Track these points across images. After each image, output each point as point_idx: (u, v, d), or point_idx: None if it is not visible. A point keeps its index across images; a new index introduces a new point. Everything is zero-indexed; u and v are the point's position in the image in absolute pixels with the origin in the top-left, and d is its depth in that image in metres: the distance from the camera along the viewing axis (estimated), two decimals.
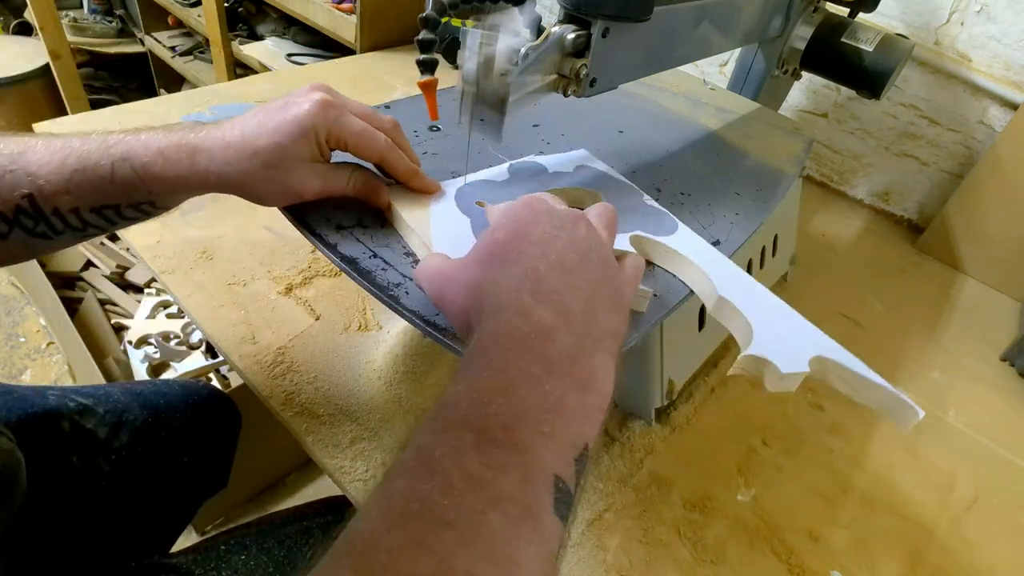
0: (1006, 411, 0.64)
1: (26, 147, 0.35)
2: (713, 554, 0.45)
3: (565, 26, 0.39)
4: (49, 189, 0.34)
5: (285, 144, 0.36)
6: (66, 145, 0.35)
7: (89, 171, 0.35)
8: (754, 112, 0.69)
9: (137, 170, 0.35)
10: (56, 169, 0.34)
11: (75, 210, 0.36)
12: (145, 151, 0.35)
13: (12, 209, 0.34)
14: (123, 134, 0.36)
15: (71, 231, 0.37)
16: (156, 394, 0.61)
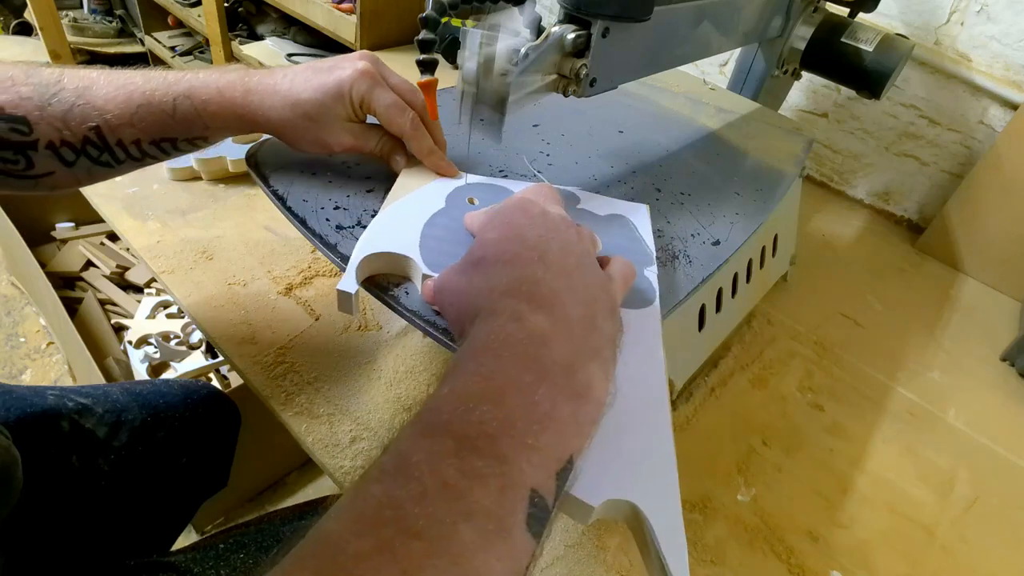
0: (1006, 411, 0.64)
1: (91, 82, 0.37)
2: (713, 554, 0.45)
3: (565, 26, 0.39)
4: (115, 122, 0.37)
5: (324, 101, 0.40)
6: (130, 81, 0.38)
7: (154, 106, 0.38)
8: (754, 112, 0.69)
9: (197, 106, 0.39)
10: (122, 104, 0.37)
11: (136, 142, 0.39)
12: (204, 89, 0.39)
13: (80, 139, 0.37)
14: (183, 73, 0.40)
15: (131, 160, 0.40)
16: (155, 394, 0.61)
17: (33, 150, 0.37)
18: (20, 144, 0.36)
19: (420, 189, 0.42)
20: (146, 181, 0.69)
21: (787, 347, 0.65)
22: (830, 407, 0.59)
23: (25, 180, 0.38)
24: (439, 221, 0.39)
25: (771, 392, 0.59)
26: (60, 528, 0.52)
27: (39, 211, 1.25)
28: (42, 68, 0.38)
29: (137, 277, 1.23)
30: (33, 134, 0.36)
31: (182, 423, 0.61)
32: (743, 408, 0.57)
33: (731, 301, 0.59)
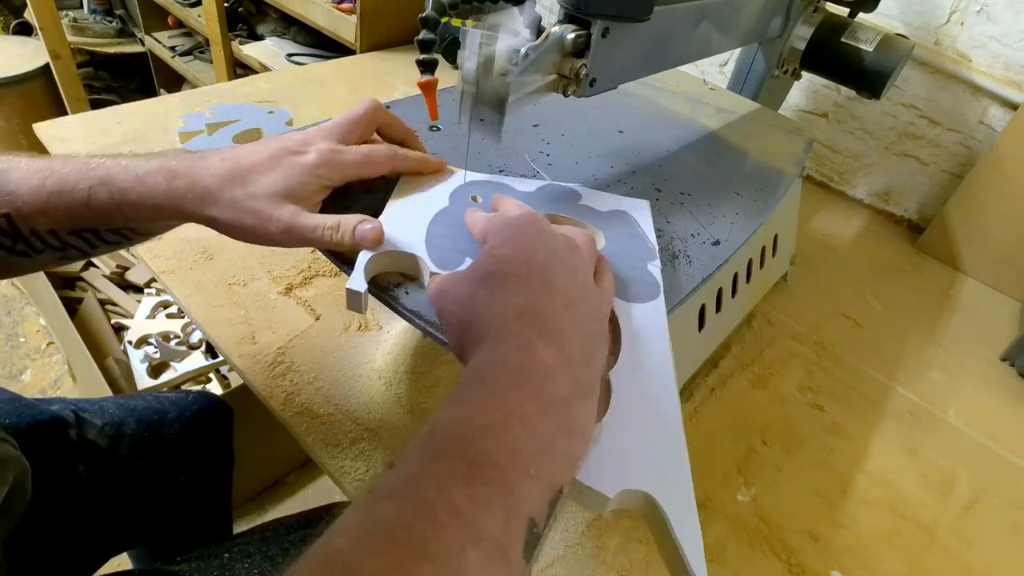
0: (1006, 411, 0.64)
1: (9, 165, 0.34)
2: (713, 554, 0.45)
3: (565, 26, 0.39)
4: (26, 210, 0.34)
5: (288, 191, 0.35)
6: (47, 166, 0.35)
7: (66, 194, 0.34)
8: (754, 112, 0.69)
9: (114, 195, 0.34)
10: (34, 190, 0.34)
11: (53, 231, 0.35)
12: (124, 176, 0.35)
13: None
14: (104, 158, 0.36)
15: (51, 250, 0.36)
16: (149, 410, 0.61)
17: None
18: None
19: (424, 188, 0.42)
20: None
21: (787, 347, 0.65)
22: (830, 407, 0.59)
23: None
24: (443, 219, 0.39)
25: (771, 392, 0.59)
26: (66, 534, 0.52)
27: None
28: None
29: (137, 277, 1.23)
30: None
31: (179, 439, 0.61)
32: (743, 408, 0.57)
33: (731, 301, 0.59)
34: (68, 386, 1.20)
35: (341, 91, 0.95)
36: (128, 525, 0.58)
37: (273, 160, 0.36)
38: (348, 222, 0.35)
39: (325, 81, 0.97)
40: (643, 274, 0.38)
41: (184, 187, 0.35)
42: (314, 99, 0.90)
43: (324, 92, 0.93)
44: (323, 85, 0.95)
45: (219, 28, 1.39)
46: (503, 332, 0.27)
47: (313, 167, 0.36)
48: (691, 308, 0.53)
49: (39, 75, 1.72)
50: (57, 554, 0.51)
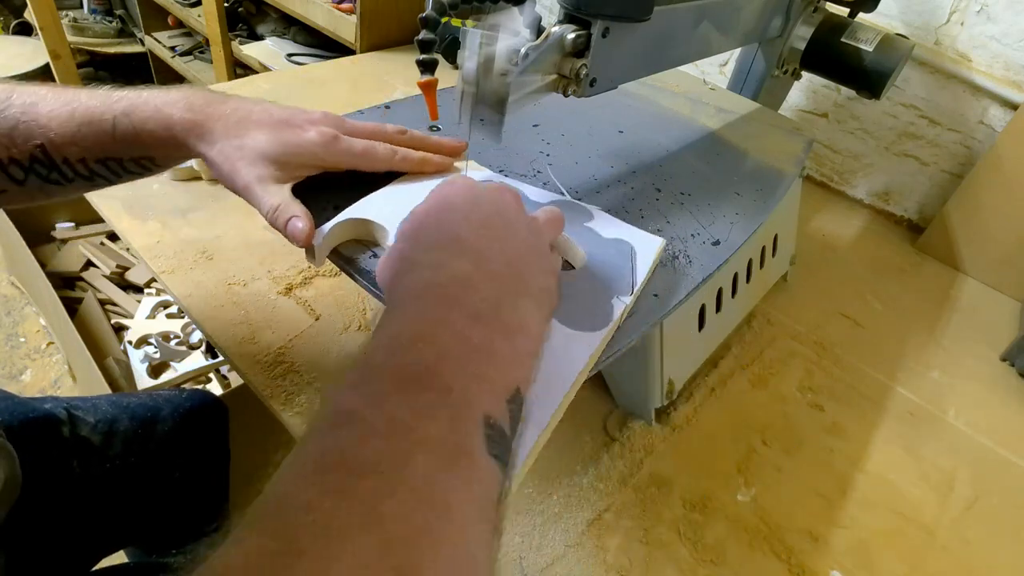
0: (1006, 411, 0.64)
1: (38, 98, 0.37)
2: (713, 554, 0.45)
3: (565, 26, 0.39)
4: (59, 140, 0.36)
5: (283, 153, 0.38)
6: (75, 99, 0.37)
7: (94, 124, 0.37)
8: (754, 112, 0.69)
9: (136, 125, 0.37)
10: (64, 121, 0.36)
11: (82, 160, 0.38)
12: (144, 107, 0.37)
13: (27, 157, 0.37)
14: (127, 91, 0.38)
15: (81, 179, 0.39)
16: (143, 407, 0.61)
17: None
18: None
19: (424, 180, 0.43)
20: (146, 181, 0.69)
21: (787, 347, 0.65)
22: (830, 407, 0.59)
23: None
24: None
25: (771, 392, 0.59)
26: (61, 530, 0.52)
27: (39, 211, 1.25)
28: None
29: (137, 277, 1.23)
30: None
31: (172, 437, 0.61)
32: (743, 408, 0.57)
33: (731, 301, 0.59)
34: (68, 386, 1.20)
35: (341, 91, 0.95)
36: (123, 522, 0.58)
37: (277, 125, 0.39)
38: (287, 211, 0.37)
39: (325, 81, 0.97)
40: (600, 304, 0.35)
41: (193, 123, 0.38)
42: (314, 99, 0.90)
43: (324, 92, 0.93)
44: (323, 85, 0.95)
45: (219, 28, 1.39)
46: (416, 261, 0.27)
47: (308, 144, 0.38)
48: (691, 308, 0.53)
49: (39, 75, 1.72)
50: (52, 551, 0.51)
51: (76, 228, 1.29)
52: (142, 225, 0.63)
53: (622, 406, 0.55)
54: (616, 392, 0.55)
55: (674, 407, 0.55)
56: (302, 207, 0.37)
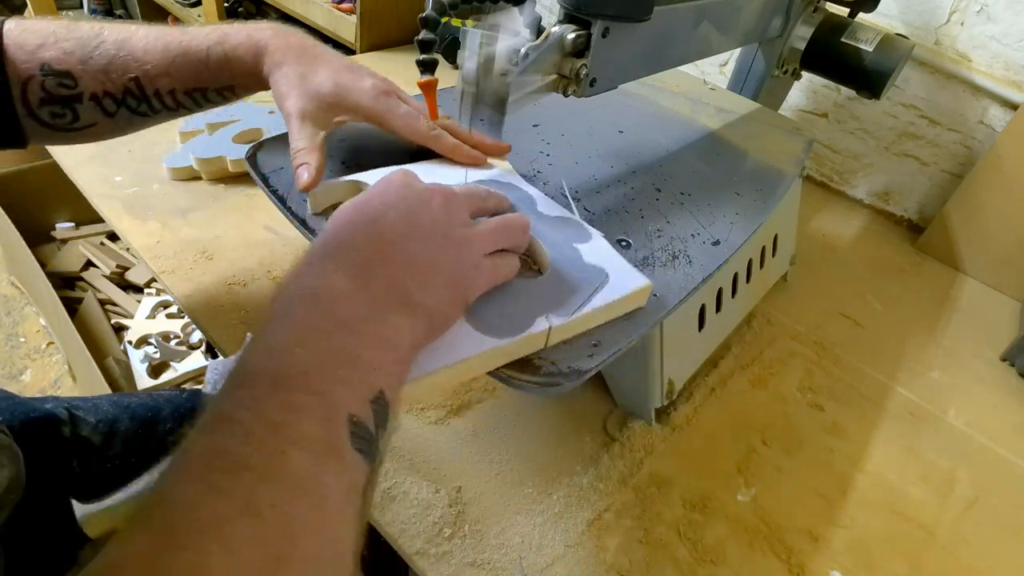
0: (1006, 411, 0.64)
1: (130, 34, 0.40)
2: (713, 554, 0.45)
3: (565, 26, 0.39)
4: (153, 72, 0.39)
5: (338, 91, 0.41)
6: (167, 33, 0.40)
7: (190, 55, 0.40)
8: (754, 112, 0.69)
9: (227, 52, 0.41)
10: (160, 54, 0.39)
11: (172, 92, 0.41)
12: (236, 34, 0.41)
13: (121, 90, 0.39)
14: (219, 24, 0.42)
15: (167, 110, 0.42)
16: (143, 407, 0.61)
17: (79, 103, 0.39)
18: (67, 98, 0.38)
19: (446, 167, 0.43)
20: (146, 181, 0.69)
21: (787, 347, 0.65)
22: (830, 407, 0.59)
23: (71, 132, 0.40)
24: None
25: (771, 392, 0.59)
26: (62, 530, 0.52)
27: (39, 211, 1.25)
28: (82, 23, 0.39)
29: (137, 277, 1.23)
30: (78, 87, 0.38)
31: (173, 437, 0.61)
32: (743, 408, 0.57)
33: (731, 301, 0.59)
34: (68, 386, 1.20)
35: None
36: None
37: (340, 68, 0.42)
38: (303, 156, 0.40)
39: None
40: (524, 316, 0.34)
41: (274, 48, 0.41)
42: None
43: None
44: None
45: None
46: (309, 266, 0.28)
47: (360, 89, 0.41)
48: (691, 308, 0.53)
49: None
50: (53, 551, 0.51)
51: (76, 228, 1.29)
52: (142, 225, 0.63)
53: (622, 406, 0.55)
54: (616, 392, 0.55)
55: (674, 407, 0.55)
56: (319, 158, 0.40)
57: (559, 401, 0.54)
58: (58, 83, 0.38)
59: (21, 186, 1.19)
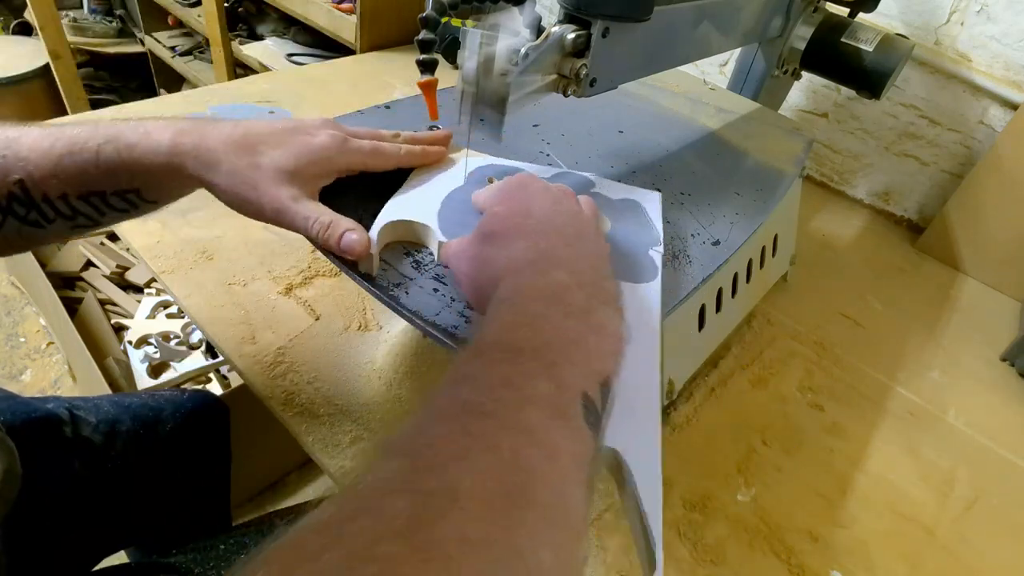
0: (1006, 411, 0.64)
1: (21, 133, 0.35)
2: (713, 554, 0.45)
3: (565, 26, 0.39)
4: (38, 174, 0.34)
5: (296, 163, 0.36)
6: (58, 130, 0.35)
7: (76, 154, 0.34)
8: (754, 112, 0.69)
9: (121, 151, 0.35)
10: (45, 152, 0.34)
11: (63, 196, 0.35)
12: (131, 132, 0.35)
13: (5, 196, 0.34)
14: (115, 120, 0.36)
15: (62, 219, 0.36)
16: (144, 407, 0.61)
17: None
18: None
19: (438, 171, 0.44)
20: None
21: (787, 347, 0.65)
22: (830, 407, 0.59)
23: None
24: (457, 196, 0.41)
25: (771, 392, 0.59)
26: (63, 530, 0.52)
27: None
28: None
29: (137, 277, 1.23)
30: None
31: (174, 437, 0.61)
32: (743, 408, 0.57)
33: (731, 301, 0.59)
34: (68, 386, 1.20)
35: (341, 91, 0.95)
36: (124, 522, 0.58)
37: (285, 135, 0.37)
38: (340, 225, 0.35)
39: (325, 81, 0.97)
40: (643, 258, 0.40)
41: (190, 145, 0.35)
42: (314, 99, 0.90)
43: (324, 92, 0.93)
44: (323, 85, 0.95)
45: (219, 28, 1.39)
46: (519, 267, 0.30)
47: (322, 149, 0.37)
48: (691, 308, 0.53)
49: (39, 75, 1.72)
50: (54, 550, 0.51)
51: None
52: (142, 225, 0.63)
53: None
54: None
55: (674, 407, 0.55)
56: (349, 219, 0.36)
57: None
58: None
59: None
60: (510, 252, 0.31)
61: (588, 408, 0.24)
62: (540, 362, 0.24)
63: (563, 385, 0.24)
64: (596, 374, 0.26)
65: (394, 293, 0.36)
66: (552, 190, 0.35)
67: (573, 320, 0.27)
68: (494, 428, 0.21)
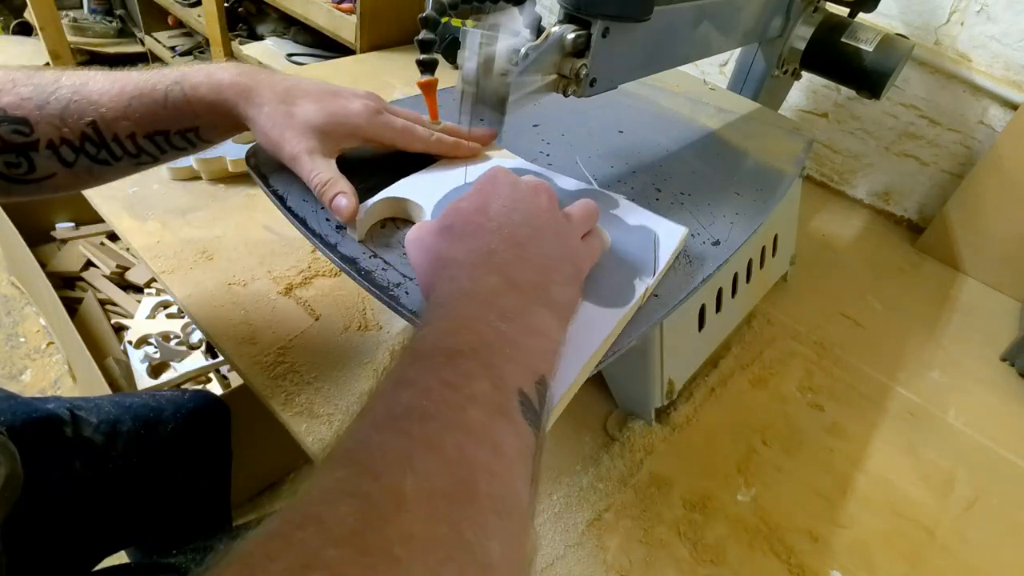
0: (1006, 411, 0.64)
1: (87, 78, 0.38)
2: (713, 554, 0.45)
3: (565, 26, 0.39)
4: (110, 116, 0.38)
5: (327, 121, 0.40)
6: (124, 75, 0.39)
7: (146, 96, 0.38)
8: (754, 112, 0.69)
9: (187, 92, 0.39)
10: (116, 96, 0.38)
11: (132, 136, 0.39)
12: (196, 74, 0.39)
13: (79, 136, 0.38)
14: (180, 65, 0.40)
15: (128, 157, 0.40)
16: (145, 407, 0.61)
17: (34, 151, 0.37)
18: (22, 146, 0.37)
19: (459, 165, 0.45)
20: (146, 181, 0.69)
21: (787, 347, 0.65)
22: (830, 407, 0.59)
23: (27, 184, 0.39)
24: (458, 193, 0.42)
25: (771, 392, 0.59)
26: (63, 530, 0.52)
27: (39, 211, 1.25)
28: (43, 70, 0.38)
29: (137, 277, 1.23)
30: (34, 134, 0.37)
31: (175, 438, 0.61)
32: (743, 408, 0.57)
33: (731, 301, 0.59)
34: (68, 386, 1.20)
35: None
36: (125, 522, 0.58)
37: (324, 95, 0.41)
38: (336, 186, 0.39)
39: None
40: (625, 285, 0.37)
41: (243, 86, 0.40)
42: None
43: None
44: None
45: (219, 28, 1.39)
46: (454, 273, 0.30)
47: (353, 115, 0.41)
48: (691, 308, 0.53)
49: None
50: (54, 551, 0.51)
51: (76, 228, 1.29)
52: (142, 225, 0.63)
53: (622, 406, 0.55)
54: (616, 392, 0.55)
55: (674, 407, 0.55)
56: (348, 183, 0.39)
57: None
58: (13, 130, 0.36)
59: None
60: (455, 252, 0.31)
61: (525, 405, 0.25)
62: (478, 362, 0.25)
63: (500, 384, 0.25)
64: (532, 372, 0.26)
65: (394, 293, 0.36)
66: (521, 186, 0.35)
67: (507, 323, 0.27)
68: (437, 429, 0.21)
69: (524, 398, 0.25)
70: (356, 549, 0.17)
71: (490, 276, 0.29)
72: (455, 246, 0.32)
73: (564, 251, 0.33)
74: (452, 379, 0.24)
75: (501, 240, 0.31)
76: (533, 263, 0.31)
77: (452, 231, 0.32)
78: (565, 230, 0.34)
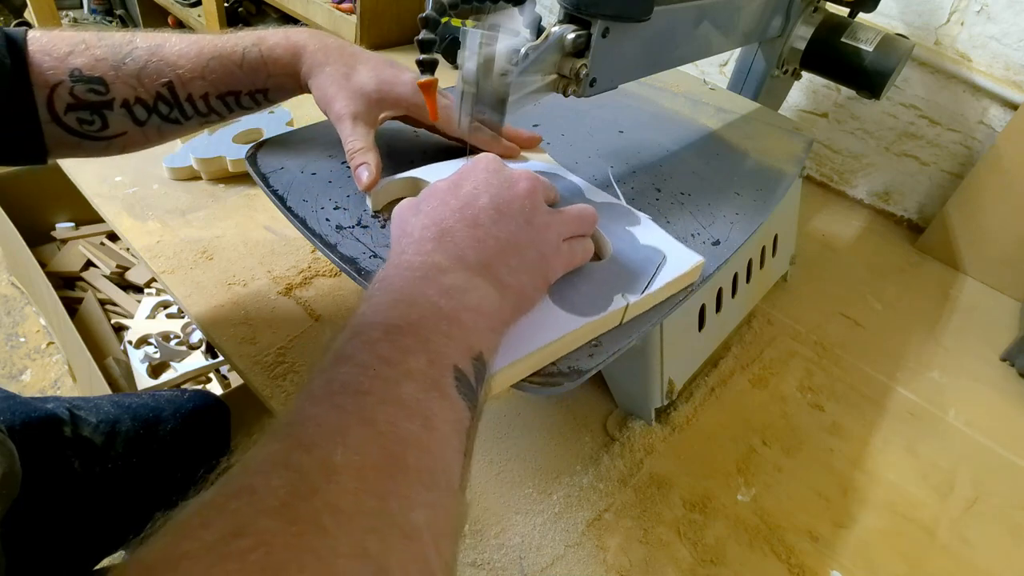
0: (1006, 411, 0.64)
1: (163, 40, 0.40)
2: (713, 554, 0.45)
3: (565, 26, 0.39)
4: (187, 76, 0.40)
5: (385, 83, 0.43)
6: (201, 38, 0.41)
7: (224, 58, 0.41)
8: (754, 112, 0.69)
9: (264, 52, 0.42)
10: (194, 58, 0.40)
11: (205, 96, 0.41)
12: (274, 35, 0.42)
13: (153, 96, 0.40)
14: (256, 28, 0.43)
15: (198, 116, 0.42)
16: (144, 407, 0.61)
17: (109, 109, 0.39)
18: (96, 104, 0.38)
19: None
20: (146, 181, 0.69)
21: (787, 347, 0.65)
22: (830, 407, 0.59)
23: (99, 141, 0.40)
24: None
25: (771, 392, 0.59)
26: (63, 530, 0.52)
27: (39, 211, 1.25)
28: (113, 32, 0.40)
29: (137, 277, 1.23)
30: (109, 93, 0.38)
31: (174, 438, 0.61)
32: (743, 408, 0.57)
33: (731, 301, 0.59)
34: (68, 386, 1.20)
35: None
36: (124, 522, 0.58)
37: (381, 64, 0.44)
38: (363, 155, 0.41)
39: None
40: (602, 297, 0.36)
41: (315, 48, 0.43)
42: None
43: None
44: None
45: (219, 28, 1.39)
46: (407, 244, 0.31)
47: (403, 83, 0.44)
48: (691, 308, 0.53)
49: None
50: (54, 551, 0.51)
51: (76, 228, 1.29)
52: (142, 225, 0.63)
53: (622, 406, 0.55)
54: (616, 392, 0.55)
55: (674, 407, 0.55)
56: (376, 157, 0.41)
57: (559, 401, 0.54)
58: (88, 88, 0.38)
59: (21, 186, 1.19)
60: (412, 227, 0.32)
61: (461, 380, 0.26)
62: (415, 338, 0.25)
63: (436, 359, 0.25)
64: (469, 349, 0.27)
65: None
66: (502, 173, 0.34)
67: (447, 300, 0.28)
68: (371, 404, 0.22)
69: (460, 374, 0.26)
70: (286, 519, 0.18)
71: (437, 253, 0.30)
72: (413, 221, 0.33)
73: (531, 240, 0.33)
74: (388, 354, 0.24)
75: (460, 219, 0.32)
76: (487, 244, 0.31)
77: (419, 208, 0.33)
78: (540, 222, 0.34)
